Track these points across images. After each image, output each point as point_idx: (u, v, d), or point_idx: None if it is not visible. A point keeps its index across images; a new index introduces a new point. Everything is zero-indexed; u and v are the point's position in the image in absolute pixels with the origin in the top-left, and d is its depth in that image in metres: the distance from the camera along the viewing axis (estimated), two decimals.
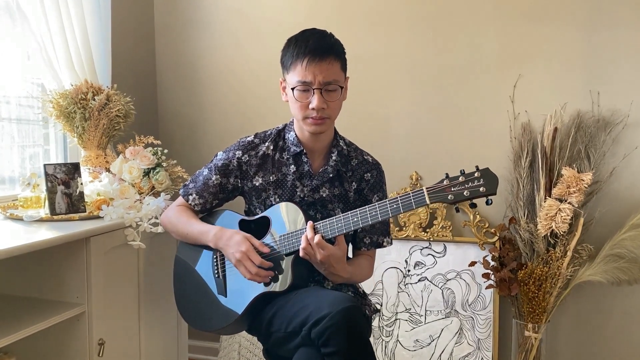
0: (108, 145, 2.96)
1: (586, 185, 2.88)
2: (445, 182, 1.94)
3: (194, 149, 3.73)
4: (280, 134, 2.35)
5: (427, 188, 1.94)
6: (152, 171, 2.84)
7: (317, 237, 2.03)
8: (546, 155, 3.02)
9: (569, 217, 2.88)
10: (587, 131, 3.02)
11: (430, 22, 3.27)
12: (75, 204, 2.54)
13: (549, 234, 2.96)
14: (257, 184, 2.30)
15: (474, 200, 1.95)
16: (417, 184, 3.31)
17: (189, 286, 2.37)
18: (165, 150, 2.92)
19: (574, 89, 3.08)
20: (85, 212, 2.55)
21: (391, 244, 2.40)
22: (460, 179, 1.93)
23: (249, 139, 2.34)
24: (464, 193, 1.91)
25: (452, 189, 1.93)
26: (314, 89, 2.10)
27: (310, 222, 2.08)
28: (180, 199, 2.42)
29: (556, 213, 2.89)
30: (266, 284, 2.14)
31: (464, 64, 3.23)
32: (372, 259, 2.39)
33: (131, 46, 3.55)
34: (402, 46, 3.33)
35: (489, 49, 3.19)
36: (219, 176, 2.32)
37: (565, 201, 2.90)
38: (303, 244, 2.06)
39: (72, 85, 2.85)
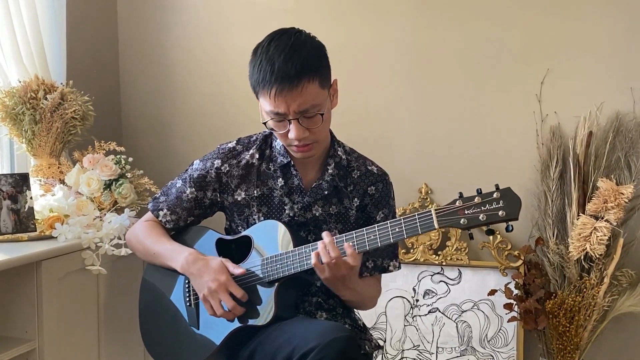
0: (62, 153, 2.98)
1: (626, 200, 2.91)
2: (457, 203, 1.94)
3: (163, 157, 3.76)
4: (267, 140, 2.36)
5: (435, 210, 1.96)
6: (114, 183, 2.86)
7: (350, 249, 2.02)
8: (579, 164, 3.06)
9: (606, 238, 2.90)
10: (628, 136, 3.07)
11: (442, 6, 3.32)
12: (23, 222, 2.56)
13: (582, 257, 2.99)
14: (238, 199, 2.32)
15: (492, 226, 1.96)
16: (427, 198, 3.34)
17: (157, 316, 2.39)
18: (130, 159, 2.95)
19: (611, 86, 3.12)
20: (36, 231, 2.58)
21: (399, 268, 2.40)
22: (475, 199, 1.93)
23: (230, 145, 2.35)
24: (480, 217, 1.91)
25: (466, 212, 1.93)
26: (288, 120, 2.09)
27: (329, 237, 2.05)
28: (149, 215, 2.42)
29: (591, 232, 2.92)
30: (242, 319, 2.16)
31: (482, 57, 3.28)
32: (377, 281, 2.40)
33: (90, 36, 3.58)
34: (407, 36, 3.37)
35: (512, 39, 3.23)
36: (194, 189, 2.33)
37: (602, 218, 2.93)
38: (315, 261, 2.04)
39: (19, 82, 2.88)
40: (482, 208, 1.91)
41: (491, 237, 3.21)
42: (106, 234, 2.57)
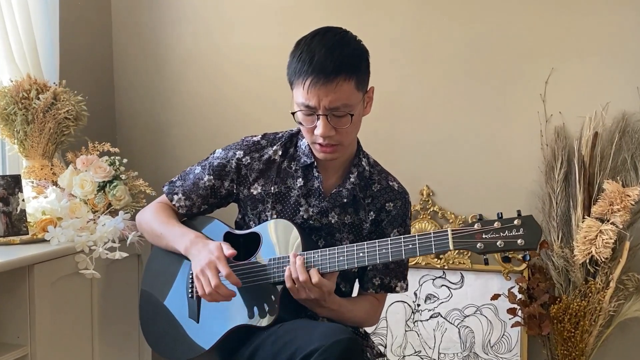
0: (55, 154, 2.98)
1: (633, 202, 2.92)
2: (476, 227, 1.93)
3: (158, 159, 3.76)
4: (292, 139, 2.37)
5: (453, 230, 1.94)
6: (108, 185, 2.86)
7: (316, 277, 2.04)
8: (584, 165, 3.06)
9: (612, 241, 2.91)
10: (634, 137, 3.08)
11: (445, 4, 3.32)
12: (15, 225, 2.56)
13: (587, 261, 2.99)
14: (254, 193, 2.33)
15: (508, 254, 1.96)
16: (428, 201, 3.34)
17: (158, 304, 2.40)
18: (124, 160, 2.95)
19: (617, 85, 3.12)
20: (28, 234, 2.58)
21: (406, 289, 2.39)
22: (495, 224, 1.91)
23: (255, 138, 2.37)
24: (497, 243, 1.90)
25: (484, 236, 1.91)
26: (318, 115, 2.10)
27: (300, 259, 2.08)
28: (162, 197, 2.45)
29: (596, 235, 2.92)
30: (242, 318, 2.16)
31: (485, 55, 3.28)
32: (379, 302, 2.39)
33: (83, 34, 3.58)
34: (409, 34, 3.38)
35: (516, 38, 3.24)
36: (212, 177, 2.35)
37: (608, 221, 2.94)
38: (288, 283, 2.08)
39: (11, 81, 2.88)
40: (501, 234, 1.90)
41: None
42: (100, 237, 2.57)
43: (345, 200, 2.28)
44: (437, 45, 3.33)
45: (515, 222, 1.89)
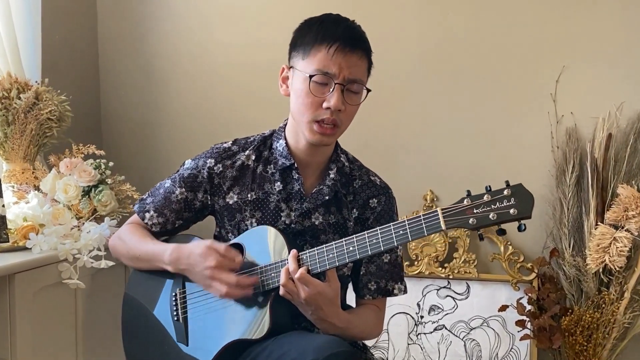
0: (37, 157, 2.98)
1: None
2: (465, 202, 1.93)
3: (146, 162, 3.76)
4: (266, 142, 2.36)
5: (442, 209, 1.95)
6: (93, 190, 2.86)
7: (301, 271, 2.02)
8: (597, 169, 3.07)
9: (627, 249, 2.91)
10: None
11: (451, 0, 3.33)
12: None
13: (601, 270, 3.00)
14: (230, 202, 2.31)
15: (503, 226, 1.95)
16: (432, 206, 3.34)
17: (141, 334, 2.38)
18: (111, 163, 2.95)
19: (632, 84, 3.14)
20: (8, 241, 2.58)
21: (404, 291, 2.38)
22: (485, 198, 1.92)
23: (225, 145, 2.35)
24: (490, 216, 1.90)
25: (475, 211, 1.91)
26: (335, 84, 2.11)
27: (293, 251, 2.07)
28: (134, 217, 2.42)
29: (610, 243, 2.92)
30: (235, 333, 2.15)
31: (492, 53, 3.29)
32: (380, 310, 2.37)
33: (67, 30, 3.58)
34: (413, 31, 3.39)
35: (525, 35, 3.25)
36: (184, 189, 2.32)
37: (622, 228, 2.94)
38: (283, 279, 2.04)
39: None
40: (492, 207, 1.90)
41: (502, 248, 3.21)
42: (84, 245, 2.57)
43: (327, 197, 2.27)
44: (444, 43, 3.34)
45: (505, 192, 1.90)
